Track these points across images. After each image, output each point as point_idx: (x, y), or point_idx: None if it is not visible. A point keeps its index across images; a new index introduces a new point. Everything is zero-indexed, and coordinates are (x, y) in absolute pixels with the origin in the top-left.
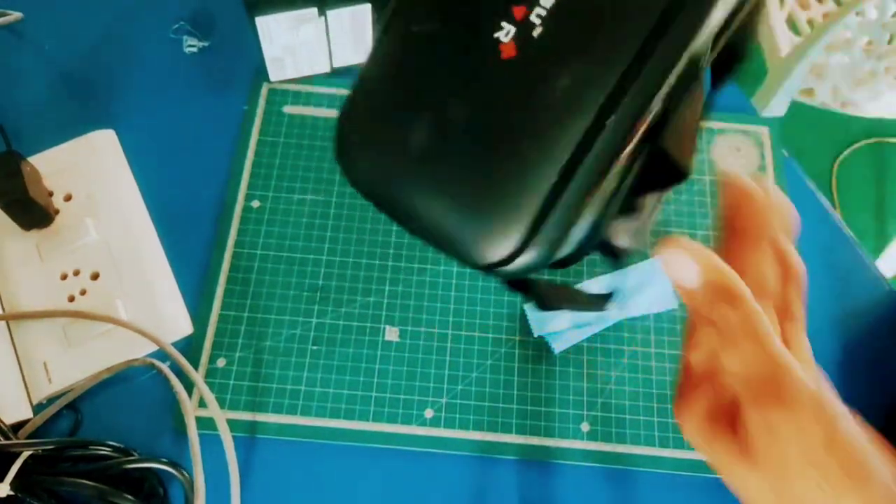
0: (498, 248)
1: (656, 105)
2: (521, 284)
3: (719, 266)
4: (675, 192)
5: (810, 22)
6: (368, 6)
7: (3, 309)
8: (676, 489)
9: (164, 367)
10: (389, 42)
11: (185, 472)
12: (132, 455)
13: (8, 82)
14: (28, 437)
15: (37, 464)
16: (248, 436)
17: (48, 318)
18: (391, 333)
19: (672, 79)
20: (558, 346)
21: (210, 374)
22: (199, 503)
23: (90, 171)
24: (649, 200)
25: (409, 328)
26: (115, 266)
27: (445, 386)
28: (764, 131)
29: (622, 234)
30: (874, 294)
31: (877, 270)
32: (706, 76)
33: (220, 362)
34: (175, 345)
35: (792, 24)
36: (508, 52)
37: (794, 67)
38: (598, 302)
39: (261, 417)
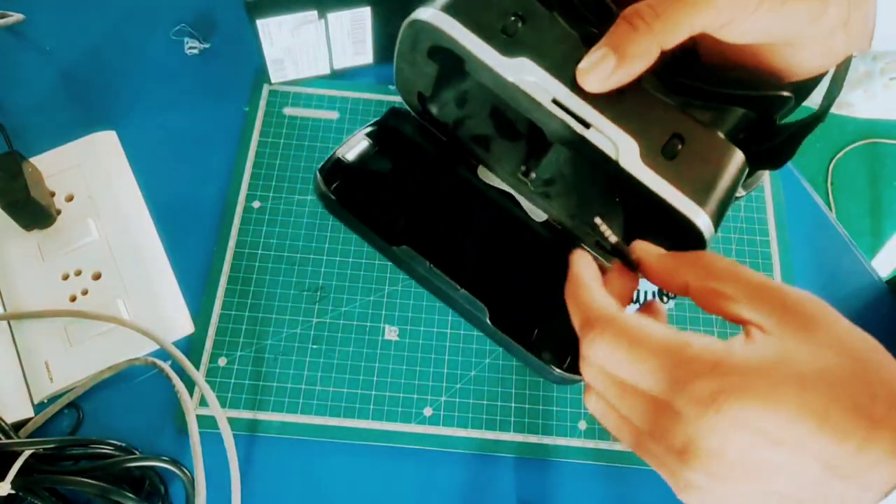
0: None
1: None
2: None
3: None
4: None
5: None
6: (368, 9)
7: (5, 308)
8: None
9: (166, 366)
10: None
11: (186, 471)
12: (133, 453)
13: (10, 83)
14: (29, 436)
15: (38, 462)
16: (248, 434)
17: (49, 317)
18: (390, 333)
19: None
20: None
21: (211, 372)
22: (201, 501)
23: (91, 172)
24: None
25: (409, 328)
26: (117, 266)
27: (444, 384)
28: None
29: None
30: (869, 294)
31: (872, 271)
32: None
33: (221, 361)
34: (176, 344)
35: None
36: None
37: None
38: None
39: (261, 416)
